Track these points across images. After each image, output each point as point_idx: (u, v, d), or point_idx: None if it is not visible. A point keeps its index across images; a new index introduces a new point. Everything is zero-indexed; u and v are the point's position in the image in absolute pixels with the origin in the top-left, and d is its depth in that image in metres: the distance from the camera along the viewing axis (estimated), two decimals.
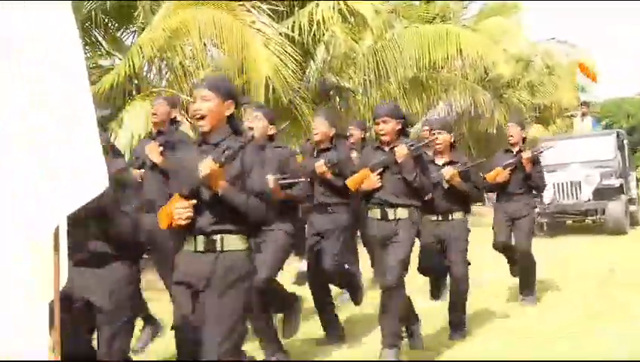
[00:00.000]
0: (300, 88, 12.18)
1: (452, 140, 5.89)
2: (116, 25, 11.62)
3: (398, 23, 14.72)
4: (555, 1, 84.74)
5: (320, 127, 5.81)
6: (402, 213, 4.92)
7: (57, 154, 2.62)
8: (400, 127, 5.03)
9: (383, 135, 5.02)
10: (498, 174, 6.87)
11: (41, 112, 2.60)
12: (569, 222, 14.42)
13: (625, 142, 15.03)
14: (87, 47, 10.98)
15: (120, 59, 11.07)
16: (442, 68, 15.13)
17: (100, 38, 11.47)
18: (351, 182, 5.11)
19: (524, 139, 7.16)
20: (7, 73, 2.61)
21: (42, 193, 2.60)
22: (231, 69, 10.63)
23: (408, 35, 13.96)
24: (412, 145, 4.96)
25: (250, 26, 10.12)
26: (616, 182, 13.44)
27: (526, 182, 6.96)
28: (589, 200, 13.35)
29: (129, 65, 9.69)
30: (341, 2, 11.93)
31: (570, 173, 13.55)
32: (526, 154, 6.89)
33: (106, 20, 11.26)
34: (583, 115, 16.26)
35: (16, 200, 2.59)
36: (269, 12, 10.91)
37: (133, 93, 10.40)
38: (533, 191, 7.23)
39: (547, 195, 13.15)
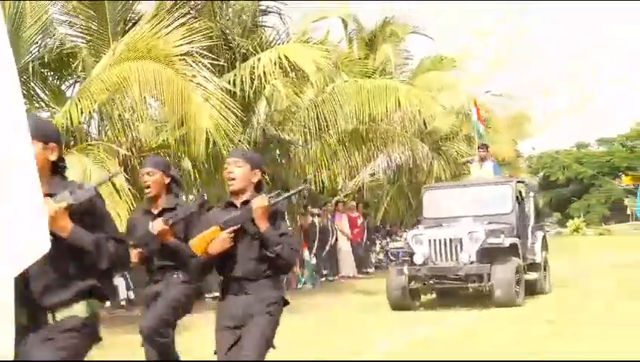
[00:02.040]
0: (240, 141, 12.27)
1: (167, 181, 4.58)
2: (56, 77, 11.57)
3: (338, 77, 15.04)
4: (556, 1, 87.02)
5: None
6: None
7: None
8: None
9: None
10: (212, 240, 3.83)
11: None
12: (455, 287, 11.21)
13: (531, 194, 12.45)
14: (24, 100, 10.85)
15: (59, 111, 10.99)
16: (381, 121, 15.44)
17: (39, 90, 11.39)
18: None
19: (257, 186, 4.02)
20: None
21: None
22: (171, 122, 10.65)
23: (348, 88, 14.32)
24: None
25: (191, 81, 10.20)
26: (506, 241, 10.62)
27: (264, 256, 3.83)
28: (472, 262, 10.48)
29: (67, 118, 9.63)
30: (282, 57, 12.16)
31: (452, 229, 10.95)
32: (258, 202, 3.81)
33: (45, 73, 11.20)
34: (482, 159, 13.13)
35: None
36: (210, 66, 11.03)
37: (71, 145, 10.30)
38: (279, 274, 4.04)
39: (419, 254, 10.60)
